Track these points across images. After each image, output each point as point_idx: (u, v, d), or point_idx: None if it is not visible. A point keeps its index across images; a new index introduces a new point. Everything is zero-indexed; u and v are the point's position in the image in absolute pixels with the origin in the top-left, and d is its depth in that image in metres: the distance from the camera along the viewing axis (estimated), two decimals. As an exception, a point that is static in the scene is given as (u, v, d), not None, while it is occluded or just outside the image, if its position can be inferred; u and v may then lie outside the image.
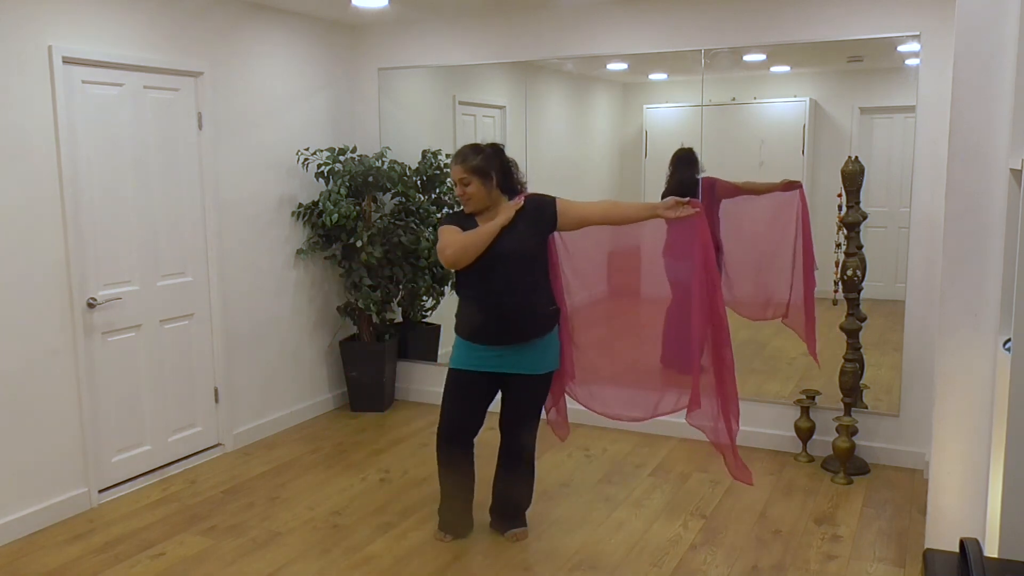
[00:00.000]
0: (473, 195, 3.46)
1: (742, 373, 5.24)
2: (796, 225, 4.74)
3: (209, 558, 3.59)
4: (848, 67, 4.88)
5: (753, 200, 4.97)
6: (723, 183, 4.95)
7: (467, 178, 3.44)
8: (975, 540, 1.90)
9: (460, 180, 3.45)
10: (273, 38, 5.04)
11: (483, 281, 3.45)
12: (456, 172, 3.46)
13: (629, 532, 3.81)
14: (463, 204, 3.51)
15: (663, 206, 3.36)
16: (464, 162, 3.45)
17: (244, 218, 4.91)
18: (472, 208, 3.50)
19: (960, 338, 2.95)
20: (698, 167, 4.95)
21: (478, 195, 3.46)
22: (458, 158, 3.48)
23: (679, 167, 5.08)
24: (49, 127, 3.82)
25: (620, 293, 4.15)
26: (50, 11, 3.80)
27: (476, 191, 3.45)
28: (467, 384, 3.57)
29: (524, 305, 3.46)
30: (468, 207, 3.50)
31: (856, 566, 3.48)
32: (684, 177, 5.04)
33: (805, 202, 4.71)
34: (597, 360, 3.80)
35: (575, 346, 3.72)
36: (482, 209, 3.50)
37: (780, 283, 4.84)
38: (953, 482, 3.04)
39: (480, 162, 3.44)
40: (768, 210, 4.98)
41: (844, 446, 4.32)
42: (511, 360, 3.51)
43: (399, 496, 4.22)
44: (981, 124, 2.85)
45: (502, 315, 3.44)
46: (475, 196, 3.46)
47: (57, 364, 3.92)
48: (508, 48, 5.21)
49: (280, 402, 5.26)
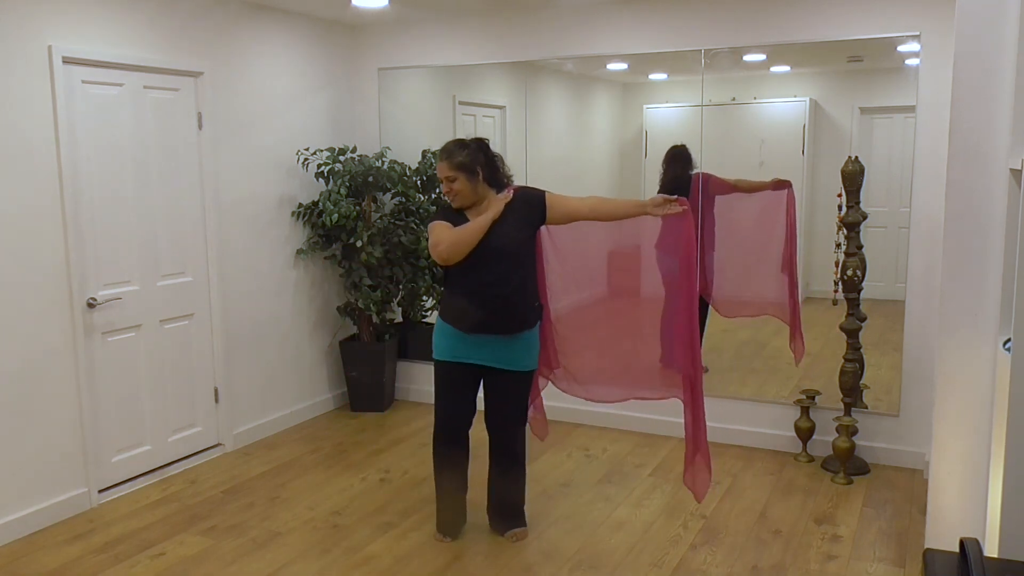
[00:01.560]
0: (460, 191, 3.47)
1: (742, 373, 5.28)
2: (784, 224, 4.77)
3: (209, 558, 3.59)
4: (848, 67, 4.88)
5: (744, 198, 5.00)
6: (716, 179, 4.97)
7: (453, 175, 3.45)
8: (975, 540, 1.90)
9: (447, 178, 3.47)
10: (273, 38, 5.04)
11: (473, 274, 3.45)
12: (442, 170, 3.48)
13: (629, 532, 3.81)
14: (450, 201, 3.53)
15: (651, 203, 3.41)
16: (449, 159, 3.47)
17: (244, 218, 4.91)
18: (459, 204, 3.51)
19: (960, 338, 2.95)
20: (691, 164, 4.97)
21: (464, 191, 3.47)
22: (443, 155, 3.50)
23: (672, 164, 5.09)
24: (49, 127, 3.82)
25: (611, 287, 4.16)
26: (50, 11, 3.80)
27: (462, 187, 3.46)
28: (454, 374, 3.59)
29: (513, 297, 3.47)
30: (456, 203, 3.52)
31: (856, 566, 3.48)
32: (677, 174, 5.05)
33: (794, 201, 4.73)
34: (583, 350, 3.83)
35: (557, 335, 3.74)
36: (470, 204, 3.52)
37: (767, 281, 4.88)
38: (953, 482, 3.04)
39: (465, 158, 3.46)
40: (758, 209, 5.01)
41: (844, 446, 4.32)
42: (495, 354, 3.52)
43: (399, 496, 4.22)
44: (981, 124, 2.85)
45: (491, 306, 3.45)
46: (462, 192, 3.47)
47: (57, 364, 3.92)
48: (508, 48, 5.21)
49: (280, 402, 5.26)
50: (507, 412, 3.65)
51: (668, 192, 5.11)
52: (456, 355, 3.56)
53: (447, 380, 3.62)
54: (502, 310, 3.46)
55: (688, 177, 4.93)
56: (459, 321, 3.52)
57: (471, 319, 3.48)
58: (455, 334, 3.54)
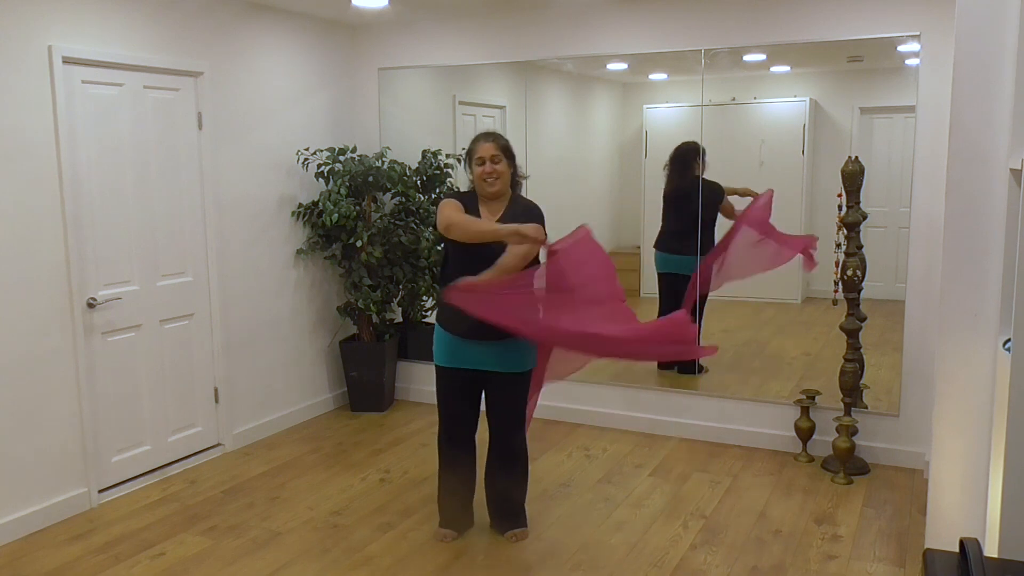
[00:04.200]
0: (502, 173, 3.48)
1: (742, 373, 5.29)
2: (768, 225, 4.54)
3: (209, 558, 3.59)
4: (848, 67, 4.88)
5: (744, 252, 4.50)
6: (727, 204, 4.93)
7: (498, 156, 3.46)
8: (975, 540, 1.90)
9: (492, 157, 3.46)
10: (273, 38, 5.04)
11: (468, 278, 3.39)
12: (487, 149, 3.46)
13: (629, 532, 3.81)
14: (488, 183, 3.46)
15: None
16: (495, 140, 3.50)
17: (244, 218, 4.91)
18: (498, 188, 3.48)
19: (960, 338, 2.95)
20: (696, 166, 4.93)
21: (505, 175, 3.49)
22: (488, 137, 3.51)
23: (674, 166, 5.08)
24: (49, 127, 3.82)
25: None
26: (50, 11, 3.80)
27: (504, 170, 3.48)
28: (454, 380, 3.59)
29: None
30: (494, 187, 3.47)
31: (856, 566, 3.48)
32: (675, 182, 5.04)
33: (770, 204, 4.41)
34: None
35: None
36: (501, 193, 3.51)
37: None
38: (953, 482, 3.04)
39: (507, 143, 3.52)
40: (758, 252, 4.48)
41: (844, 446, 4.32)
42: (491, 358, 3.51)
43: (399, 496, 4.22)
44: (981, 124, 2.85)
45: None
46: (503, 175, 3.49)
47: (57, 364, 3.92)
48: (508, 48, 5.21)
49: (280, 402, 5.26)
50: (508, 413, 3.64)
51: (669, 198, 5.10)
52: (454, 361, 3.56)
53: (448, 386, 3.62)
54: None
55: (694, 180, 4.91)
56: (453, 326, 3.51)
57: (465, 324, 3.44)
58: (452, 339, 3.54)
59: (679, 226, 5.21)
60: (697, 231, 4.93)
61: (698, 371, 5.24)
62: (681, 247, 5.17)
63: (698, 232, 4.92)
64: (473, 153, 3.51)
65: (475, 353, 3.51)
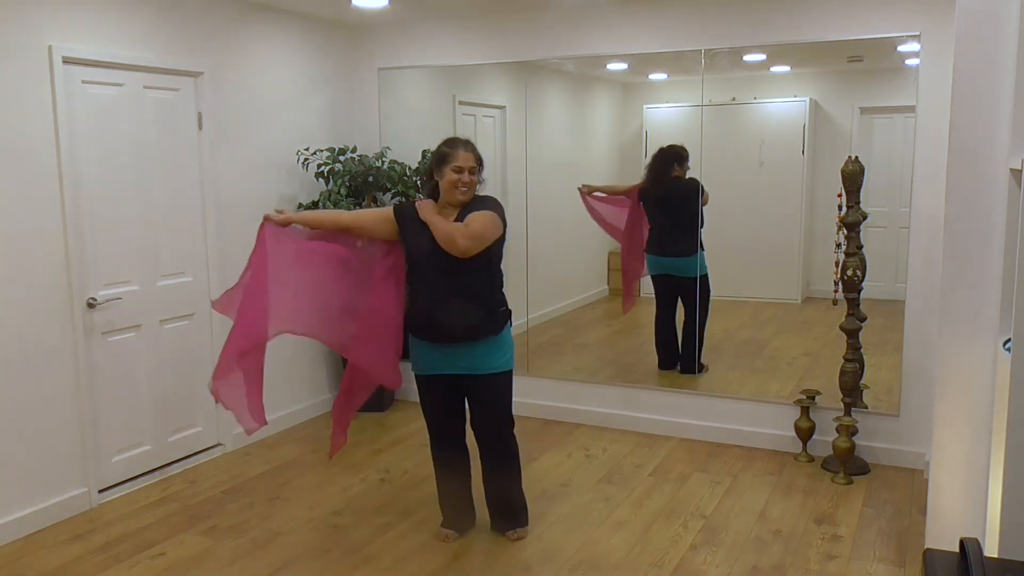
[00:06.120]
0: (474, 184, 3.43)
1: (742, 373, 5.29)
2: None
3: (209, 558, 3.59)
4: (848, 67, 4.88)
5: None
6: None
7: (475, 167, 3.41)
8: (975, 540, 1.90)
9: (470, 168, 3.38)
10: (273, 38, 5.04)
11: (440, 280, 3.38)
12: (467, 159, 3.37)
13: (629, 532, 3.81)
14: (460, 193, 3.39)
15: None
16: (473, 151, 3.43)
17: (244, 218, 4.90)
18: (467, 198, 3.42)
19: (960, 338, 2.95)
20: (677, 170, 5.01)
21: (475, 186, 3.44)
22: (467, 145, 3.42)
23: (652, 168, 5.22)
24: (49, 127, 3.82)
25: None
26: (50, 11, 3.80)
27: (476, 182, 3.44)
28: (434, 388, 3.58)
29: (475, 303, 3.41)
30: (466, 196, 3.41)
31: (856, 566, 3.48)
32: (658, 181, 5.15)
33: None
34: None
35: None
36: (466, 202, 3.43)
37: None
38: (953, 482, 3.04)
39: (480, 155, 3.46)
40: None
41: (844, 446, 4.32)
42: (467, 361, 3.48)
43: (399, 496, 4.22)
44: (981, 124, 2.85)
45: (450, 315, 3.39)
46: (474, 186, 3.43)
47: (57, 364, 3.92)
48: (508, 48, 5.21)
49: (280, 402, 5.26)
50: (492, 415, 3.61)
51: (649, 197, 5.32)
52: (432, 368, 3.54)
53: (429, 394, 3.62)
54: (460, 317, 3.39)
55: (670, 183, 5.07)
56: (423, 332, 3.49)
57: (432, 329, 3.43)
58: (426, 346, 3.51)
59: (663, 228, 5.28)
60: (682, 231, 4.97)
61: (698, 371, 5.25)
62: (668, 249, 5.25)
63: (684, 232, 4.96)
64: (448, 158, 3.38)
65: (450, 358, 3.48)
